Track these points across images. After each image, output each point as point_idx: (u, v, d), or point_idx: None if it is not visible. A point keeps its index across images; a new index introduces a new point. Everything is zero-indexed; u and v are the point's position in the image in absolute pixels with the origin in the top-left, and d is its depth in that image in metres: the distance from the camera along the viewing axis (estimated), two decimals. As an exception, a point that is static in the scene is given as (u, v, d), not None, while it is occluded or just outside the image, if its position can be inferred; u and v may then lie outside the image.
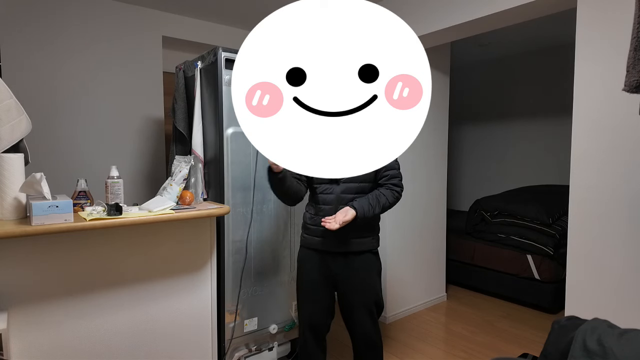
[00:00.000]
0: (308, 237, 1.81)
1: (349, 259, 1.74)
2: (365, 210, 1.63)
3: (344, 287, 1.76)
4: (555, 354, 1.00)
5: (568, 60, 3.90)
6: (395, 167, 1.74)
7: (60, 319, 1.57)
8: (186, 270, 1.88)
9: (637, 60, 1.14)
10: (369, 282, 1.76)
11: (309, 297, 1.82)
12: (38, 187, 1.39)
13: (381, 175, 1.73)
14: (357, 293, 1.74)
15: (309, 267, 1.81)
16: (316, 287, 1.79)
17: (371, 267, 1.77)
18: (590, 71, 1.81)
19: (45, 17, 2.48)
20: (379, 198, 1.68)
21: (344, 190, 1.70)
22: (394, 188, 1.72)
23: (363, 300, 1.74)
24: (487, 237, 3.54)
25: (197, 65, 2.10)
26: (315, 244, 1.77)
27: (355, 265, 1.74)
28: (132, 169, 2.84)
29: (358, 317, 1.76)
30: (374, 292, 1.77)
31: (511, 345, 2.62)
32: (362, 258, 1.75)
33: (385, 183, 1.73)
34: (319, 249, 1.77)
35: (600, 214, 1.80)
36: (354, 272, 1.74)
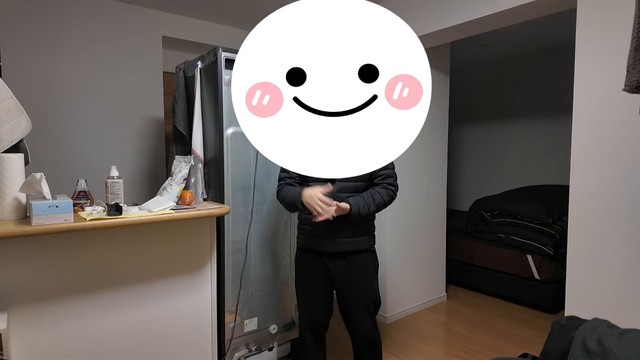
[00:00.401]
0: (304, 238, 1.82)
1: (346, 259, 1.75)
2: (360, 207, 1.65)
3: (342, 286, 1.77)
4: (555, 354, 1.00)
5: (568, 60, 3.90)
6: (390, 167, 1.76)
7: (60, 319, 1.57)
8: (186, 270, 1.88)
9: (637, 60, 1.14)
10: (367, 281, 1.77)
11: (307, 298, 1.83)
12: (38, 187, 1.39)
13: (376, 175, 1.75)
14: (356, 292, 1.76)
15: (306, 268, 1.82)
16: (314, 287, 1.80)
17: (369, 265, 1.79)
18: (590, 71, 1.81)
19: (45, 17, 2.49)
20: (374, 196, 1.70)
21: (339, 189, 1.72)
22: (389, 187, 1.74)
23: (362, 299, 1.76)
24: (487, 237, 3.54)
25: (197, 65, 2.10)
26: (312, 245, 1.78)
27: (353, 265, 1.75)
28: (132, 169, 2.84)
29: (357, 315, 1.77)
30: (372, 291, 1.78)
31: (511, 345, 2.62)
32: (360, 257, 1.76)
33: (381, 182, 1.75)
34: (316, 250, 1.78)
35: (600, 214, 1.80)
36: (352, 271, 1.75)
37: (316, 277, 1.79)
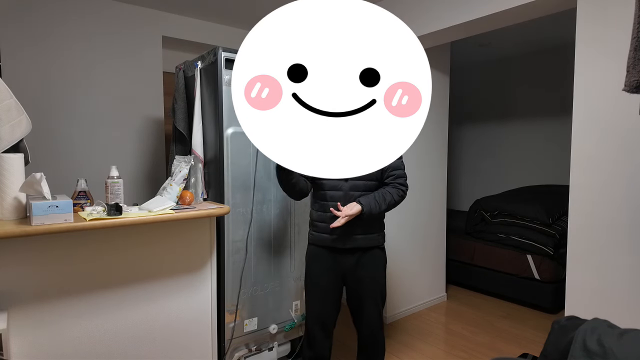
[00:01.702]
0: (316, 235, 1.84)
1: (358, 255, 1.79)
2: (371, 207, 1.69)
3: (353, 282, 1.82)
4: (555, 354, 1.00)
5: (568, 60, 3.90)
6: (401, 168, 1.81)
7: (60, 318, 1.57)
8: (186, 270, 1.88)
9: (637, 60, 1.14)
10: (377, 276, 1.83)
11: (319, 294, 1.85)
12: (38, 187, 1.39)
13: (387, 174, 1.79)
14: (367, 287, 1.80)
15: (318, 264, 1.85)
16: (325, 283, 1.83)
17: (379, 262, 1.84)
18: (590, 71, 1.81)
19: (45, 18, 2.49)
20: (385, 196, 1.73)
21: (351, 187, 1.75)
22: (399, 187, 1.78)
23: (371, 295, 1.81)
24: (487, 237, 3.54)
25: (197, 65, 2.10)
26: (324, 241, 1.81)
27: (364, 261, 1.80)
28: (132, 169, 2.84)
29: (367, 311, 1.82)
30: (381, 285, 1.85)
31: (511, 345, 2.62)
32: (371, 254, 1.81)
33: (392, 182, 1.78)
34: (329, 246, 1.81)
35: (600, 214, 1.80)
36: (364, 267, 1.80)
37: (328, 273, 1.82)
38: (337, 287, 1.85)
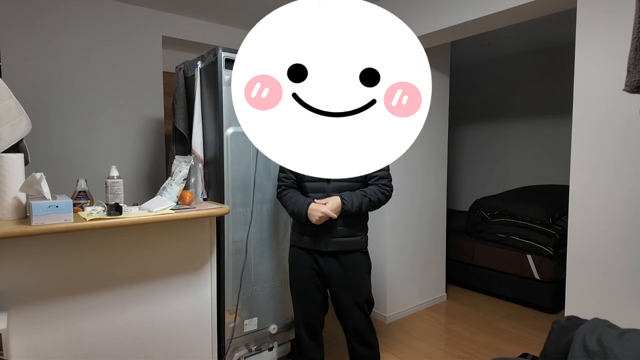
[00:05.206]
0: (297, 235, 1.85)
1: (339, 259, 1.78)
2: (353, 202, 1.70)
3: (335, 286, 1.80)
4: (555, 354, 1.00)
5: (568, 60, 3.90)
6: (385, 169, 1.79)
7: (60, 319, 1.57)
8: (186, 270, 1.88)
9: (637, 61, 1.14)
10: (360, 281, 1.80)
11: (302, 296, 1.86)
12: (38, 187, 1.39)
13: (370, 176, 1.79)
14: (349, 292, 1.78)
15: (299, 266, 1.85)
16: (308, 285, 1.83)
17: (361, 266, 1.81)
18: (590, 71, 1.81)
19: (45, 18, 2.49)
20: (367, 191, 1.74)
21: (334, 189, 1.75)
22: (383, 187, 1.78)
23: (354, 299, 1.78)
24: (487, 237, 3.54)
25: (197, 65, 2.10)
26: (306, 243, 1.81)
27: (346, 264, 1.78)
28: (132, 169, 2.84)
29: (350, 314, 1.79)
30: (365, 290, 1.81)
31: (511, 345, 2.62)
32: (352, 257, 1.79)
33: (375, 183, 1.78)
34: (309, 248, 1.80)
35: (600, 214, 1.80)
36: (345, 271, 1.78)
37: (310, 275, 1.82)
38: (320, 289, 1.84)
